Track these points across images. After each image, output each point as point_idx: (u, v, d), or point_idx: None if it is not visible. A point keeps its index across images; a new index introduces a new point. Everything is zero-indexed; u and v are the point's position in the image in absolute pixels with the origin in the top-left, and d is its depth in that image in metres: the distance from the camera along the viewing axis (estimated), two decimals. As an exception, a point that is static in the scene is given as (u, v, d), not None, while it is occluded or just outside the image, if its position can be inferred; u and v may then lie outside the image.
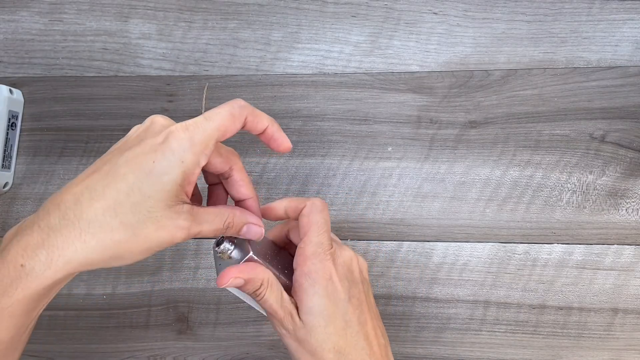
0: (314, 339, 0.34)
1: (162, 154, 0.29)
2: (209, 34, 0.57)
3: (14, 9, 0.59)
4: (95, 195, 0.28)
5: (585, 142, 0.52)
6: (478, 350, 0.51)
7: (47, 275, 0.28)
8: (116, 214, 0.28)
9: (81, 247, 0.28)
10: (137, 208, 0.28)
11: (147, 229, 0.29)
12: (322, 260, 0.35)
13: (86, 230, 0.28)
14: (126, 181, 0.28)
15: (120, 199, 0.28)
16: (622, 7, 0.53)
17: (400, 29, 0.55)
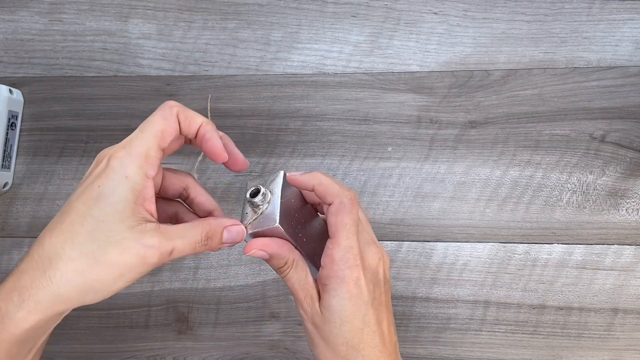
0: (329, 331, 0.34)
1: (105, 177, 0.29)
2: (209, 34, 0.57)
3: (14, 9, 0.59)
4: (55, 234, 0.29)
5: (585, 142, 0.52)
6: (478, 350, 0.51)
7: (19, 316, 0.28)
8: (74, 244, 0.28)
9: (47, 283, 0.28)
10: (93, 235, 0.28)
11: (110, 254, 0.28)
12: (350, 267, 0.34)
13: (48, 266, 0.28)
14: (77, 212, 0.29)
15: (76, 229, 0.28)
16: (622, 7, 0.53)
17: (400, 29, 0.55)
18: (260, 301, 0.53)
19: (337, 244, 0.34)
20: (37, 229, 0.56)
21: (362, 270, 0.34)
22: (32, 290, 0.28)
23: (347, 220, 0.34)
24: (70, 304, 0.29)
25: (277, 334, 0.53)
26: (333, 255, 0.34)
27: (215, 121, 0.55)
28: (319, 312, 0.34)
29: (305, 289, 0.35)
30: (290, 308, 0.53)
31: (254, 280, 0.53)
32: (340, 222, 0.34)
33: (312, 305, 0.35)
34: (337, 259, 0.34)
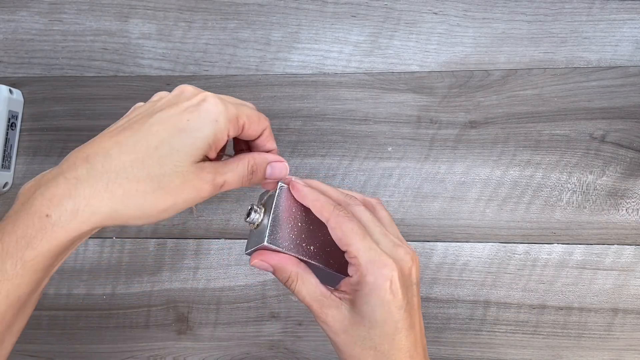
0: (357, 336, 0.33)
1: (197, 114, 0.30)
2: (209, 34, 0.57)
3: (14, 9, 0.59)
4: (125, 150, 0.29)
5: (585, 142, 0.52)
6: (478, 350, 0.51)
7: (73, 225, 0.28)
8: (144, 165, 0.29)
9: (108, 197, 0.28)
10: (164, 161, 0.29)
11: (173, 182, 0.29)
12: (380, 269, 0.32)
13: (113, 180, 0.28)
14: (157, 136, 0.29)
15: (150, 152, 0.29)
16: (622, 7, 0.53)
17: (400, 29, 0.55)
18: (260, 301, 0.53)
19: (355, 252, 0.33)
20: (37, 229, 0.56)
21: (393, 273, 0.32)
22: (90, 201, 0.28)
23: (351, 226, 0.33)
24: (120, 221, 0.29)
25: (277, 334, 0.53)
26: (358, 263, 0.32)
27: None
28: (344, 318, 0.33)
29: (319, 301, 0.34)
30: (290, 308, 0.53)
31: (254, 280, 0.53)
32: (345, 232, 0.33)
33: (333, 315, 0.34)
34: (362, 264, 0.32)
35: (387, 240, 0.34)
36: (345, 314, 0.34)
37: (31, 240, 0.27)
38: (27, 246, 0.27)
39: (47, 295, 0.55)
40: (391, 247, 0.34)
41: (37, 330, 0.54)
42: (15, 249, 0.27)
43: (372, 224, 0.35)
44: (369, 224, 0.34)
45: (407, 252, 0.34)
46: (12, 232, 0.27)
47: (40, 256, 0.28)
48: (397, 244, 0.34)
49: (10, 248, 0.27)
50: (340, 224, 0.33)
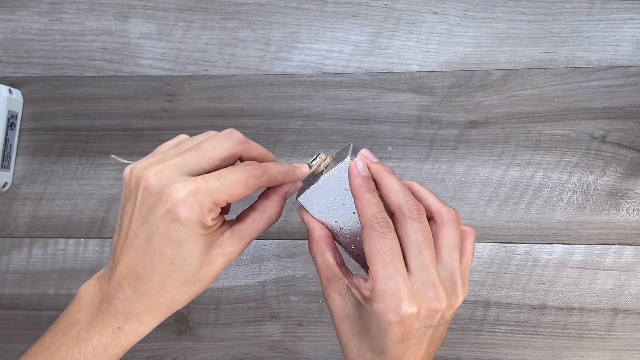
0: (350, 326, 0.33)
1: (179, 223, 0.30)
2: (209, 34, 0.57)
3: (14, 9, 0.59)
4: (150, 271, 0.31)
5: (585, 142, 0.52)
6: (478, 350, 0.51)
7: (141, 331, 0.33)
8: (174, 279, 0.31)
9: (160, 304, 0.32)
10: (187, 269, 0.31)
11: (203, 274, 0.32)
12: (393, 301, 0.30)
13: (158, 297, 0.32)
14: (165, 255, 0.31)
15: (170, 268, 0.31)
16: (623, 7, 0.53)
17: (401, 28, 0.55)
18: (260, 301, 0.53)
19: (374, 274, 0.30)
20: (36, 229, 0.56)
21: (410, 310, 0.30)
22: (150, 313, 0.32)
23: (378, 246, 0.31)
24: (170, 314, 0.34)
25: (277, 334, 0.52)
26: (372, 287, 0.31)
27: (215, 121, 0.55)
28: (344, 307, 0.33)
29: (327, 278, 0.34)
30: (290, 308, 0.53)
31: (254, 281, 0.53)
32: (371, 249, 0.31)
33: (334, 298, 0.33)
34: (376, 290, 0.30)
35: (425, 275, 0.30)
36: (347, 304, 0.33)
37: (107, 346, 0.32)
38: (103, 351, 0.32)
39: (47, 296, 0.55)
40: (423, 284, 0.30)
41: (37, 330, 0.54)
42: (92, 354, 0.32)
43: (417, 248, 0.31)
44: (413, 248, 0.31)
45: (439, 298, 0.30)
46: (87, 339, 0.32)
47: (114, 357, 0.33)
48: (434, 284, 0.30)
49: (87, 352, 0.32)
50: (370, 239, 0.31)
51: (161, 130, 0.56)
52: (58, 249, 0.55)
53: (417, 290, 0.30)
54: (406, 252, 0.31)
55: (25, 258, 0.56)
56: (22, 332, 0.55)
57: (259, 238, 0.53)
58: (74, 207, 0.56)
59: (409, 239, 0.31)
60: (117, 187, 0.56)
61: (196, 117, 0.56)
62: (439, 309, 0.30)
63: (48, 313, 0.55)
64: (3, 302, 0.55)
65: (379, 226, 0.31)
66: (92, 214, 0.55)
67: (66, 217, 0.56)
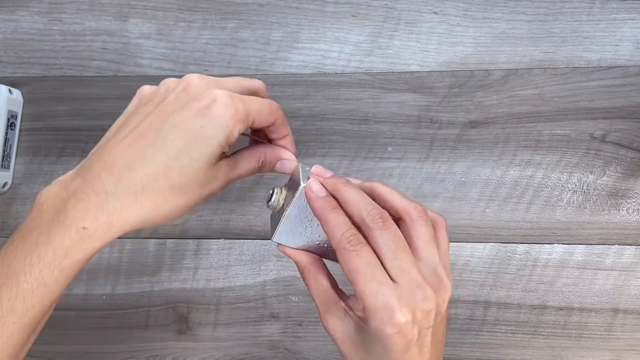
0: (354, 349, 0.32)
1: (209, 119, 0.30)
2: (209, 34, 0.57)
3: (14, 9, 0.59)
4: (146, 162, 0.30)
5: (585, 142, 0.52)
6: (478, 350, 0.51)
7: (108, 235, 0.30)
8: (166, 177, 0.30)
9: (137, 209, 0.30)
10: (185, 170, 0.31)
11: (193, 188, 0.32)
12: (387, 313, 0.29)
13: (141, 194, 0.30)
14: (175, 146, 0.30)
15: (170, 164, 0.30)
16: (623, 7, 0.53)
17: (401, 28, 0.55)
18: (260, 301, 0.53)
19: (360, 293, 0.30)
20: (36, 229, 0.56)
21: (404, 318, 0.29)
22: (122, 214, 0.30)
23: (355, 265, 0.30)
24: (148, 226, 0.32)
25: (277, 334, 0.52)
26: (363, 307, 0.30)
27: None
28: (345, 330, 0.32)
29: (325, 305, 0.33)
30: (290, 308, 0.53)
31: (253, 281, 0.53)
32: (350, 271, 0.30)
33: (334, 323, 0.33)
34: (367, 308, 0.30)
35: (408, 279, 0.30)
36: (348, 328, 0.32)
37: (68, 250, 0.29)
38: (64, 256, 0.29)
39: (47, 296, 0.55)
40: (409, 288, 0.30)
41: (37, 330, 0.54)
42: (52, 259, 0.29)
43: (392, 256, 0.30)
44: (388, 256, 0.30)
45: (428, 297, 0.30)
46: (47, 242, 0.29)
47: (76, 264, 0.30)
48: (420, 284, 0.30)
49: (47, 258, 0.29)
50: (346, 260, 0.30)
51: (161, 130, 0.56)
52: (58, 249, 0.55)
53: (406, 296, 0.30)
54: (383, 261, 0.30)
55: (25, 258, 0.56)
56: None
57: (259, 238, 0.53)
58: (74, 207, 0.56)
59: (382, 249, 0.31)
60: (117, 187, 0.56)
61: (196, 117, 0.55)
62: (431, 307, 0.30)
63: (48, 313, 0.55)
64: (3, 302, 0.55)
65: (350, 245, 0.30)
66: (92, 214, 0.55)
67: (66, 217, 0.56)
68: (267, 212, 0.53)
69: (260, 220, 0.54)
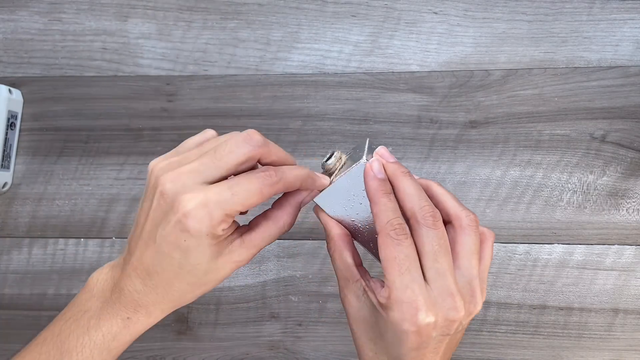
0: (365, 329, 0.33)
1: (188, 234, 0.30)
2: (209, 34, 0.57)
3: (13, 9, 0.59)
4: (159, 270, 0.32)
5: (585, 142, 0.52)
6: (478, 350, 0.51)
7: (149, 321, 0.34)
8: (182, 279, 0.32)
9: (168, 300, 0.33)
10: (194, 273, 0.32)
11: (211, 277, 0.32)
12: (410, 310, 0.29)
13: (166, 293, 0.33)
14: (174, 259, 0.31)
15: (180, 272, 0.32)
16: (623, 7, 0.53)
17: (401, 28, 0.55)
18: (260, 301, 0.53)
19: (391, 283, 0.30)
20: (36, 229, 0.56)
21: (427, 320, 0.29)
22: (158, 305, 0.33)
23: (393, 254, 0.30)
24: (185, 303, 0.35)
25: (277, 334, 0.52)
26: (389, 295, 0.30)
27: (215, 121, 0.55)
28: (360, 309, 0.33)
29: (345, 279, 0.33)
30: (290, 308, 0.53)
31: (254, 281, 0.53)
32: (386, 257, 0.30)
33: (350, 300, 0.33)
34: (392, 298, 0.30)
35: (442, 284, 0.30)
36: (363, 307, 0.33)
37: (116, 335, 0.33)
38: (112, 340, 0.33)
39: (47, 296, 0.55)
40: (440, 293, 0.30)
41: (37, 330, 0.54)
42: (102, 342, 0.33)
43: (433, 257, 0.30)
44: (429, 256, 0.30)
45: (456, 308, 0.30)
46: (97, 327, 0.33)
47: (121, 345, 0.34)
48: (452, 293, 0.30)
49: (97, 340, 0.33)
50: (386, 246, 0.30)
51: (161, 130, 0.56)
52: (58, 249, 0.55)
53: (435, 300, 0.29)
54: (422, 260, 0.30)
55: (25, 258, 0.56)
56: (22, 332, 0.55)
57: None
58: (73, 207, 0.56)
59: (424, 247, 0.30)
60: (117, 187, 0.56)
61: (196, 117, 0.56)
62: (457, 318, 0.30)
63: (48, 313, 0.54)
64: (3, 302, 0.55)
65: (394, 233, 0.30)
66: (92, 214, 0.55)
67: (66, 217, 0.56)
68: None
69: (260, 220, 0.54)
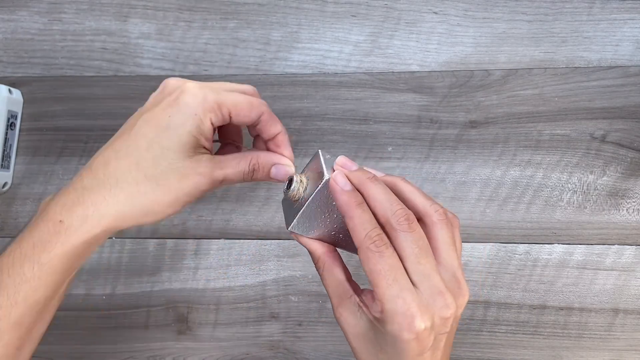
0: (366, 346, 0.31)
1: (177, 108, 0.31)
2: (209, 34, 0.57)
3: (14, 9, 0.59)
4: (120, 155, 0.31)
5: (586, 142, 0.52)
6: (478, 350, 0.51)
7: (84, 229, 0.30)
8: (139, 168, 0.31)
9: (112, 201, 0.30)
10: (157, 161, 0.31)
11: (170, 179, 0.31)
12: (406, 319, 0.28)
13: (115, 185, 0.31)
14: (146, 137, 0.31)
15: (142, 154, 0.31)
16: (623, 7, 0.53)
17: (401, 28, 0.55)
18: (260, 301, 0.53)
19: (381, 296, 0.29)
20: (36, 229, 0.56)
21: (424, 324, 0.28)
22: (97, 206, 0.30)
23: (378, 267, 0.29)
24: (129, 222, 0.31)
25: (277, 334, 0.52)
26: (382, 309, 0.29)
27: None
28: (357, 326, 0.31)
29: (339, 297, 0.32)
30: (290, 308, 0.53)
31: (253, 281, 0.53)
32: (371, 272, 0.29)
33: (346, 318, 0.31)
34: (386, 311, 0.29)
35: (430, 284, 0.29)
36: (360, 323, 0.31)
37: (46, 244, 0.30)
38: (43, 250, 0.29)
39: (47, 296, 0.55)
40: (430, 294, 0.29)
41: (37, 330, 0.54)
42: (32, 253, 0.29)
43: (415, 260, 0.29)
44: (411, 260, 0.29)
45: (448, 305, 0.29)
46: (29, 238, 0.30)
47: (55, 259, 0.30)
48: (441, 291, 0.29)
49: (27, 252, 0.29)
50: (368, 260, 0.29)
51: (161, 130, 0.56)
52: (58, 249, 0.55)
53: (427, 303, 0.29)
54: (405, 264, 0.30)
55: (25, 258, 0.56)
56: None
57: (259, 238, 0.53)
58: (73, 207, 0.56)
59: (405, 251, 0.30)
60: (117, 187, 0.56)
61: (196, 117, 0.55)
62: (450, 314, 0.29)
63: (48, 313, 0.55)
64: (3, 302, 0.55)
65: (374, 246, 0.29)
66: (92, 214, 0.55)
67: (66, 217, 0.56)
68: (266, 213, 0.53)
69: (260, 220, 0.54)
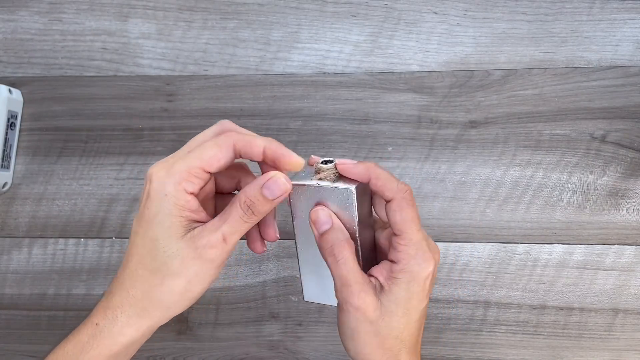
0: (385, 322, 0.33)
1: (149, 199, 0.31)
2: (209, 34, 0.57)
3: (13, 9, 0.59)
4: (128, 257, 0.32)
5: (585, 142, 0.52)
6: (478, 350, 0.51)
7: (115, 330, 0.32)
8: (144, 265, 0.32)
9: (132, 301, 0.32)
10: (154, 253, 0.31)
11: (172, 266, 0.31)
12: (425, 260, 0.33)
13: (130, 285, 0.32)
14: (139, 235, 0.32)
15: (142, 252, 0.32)
16: (623, 7, 0.53)
17: (401, 28, 0.55)
18: (260, 301, 0.53)
19: (408, 240, 0.33)
20: (36, 229, 0.56)
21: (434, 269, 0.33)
22: (123, 308, 0.32)
23: (413, 215, 0.33)
24: (156, 317, 0.33)
25: (277, 334, 0.52)
26: (408, 251, 0.33)
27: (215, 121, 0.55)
28: (375, 305, 0.33)
29: (359, 283, 0.33)
30: (290, 308, 0.53)
31: (254, 280, 0.53)
32: (406, 218, 0.33)
33: (367, 300, 0.33)
34: (412, 254, 0.33)
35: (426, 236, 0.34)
36: (378, 302, 0.33)
37: (84, 346, 0.32)
38: (81, 350, 0.32)
39: (47, 296, 0.55)
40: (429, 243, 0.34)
41: (37, 330, 0.54)
42: (72, 353, 0.32)
43: (419, 222, 0.34)
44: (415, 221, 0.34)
45: (438, 250, 0.35)
46: (72, 338, 0.33)
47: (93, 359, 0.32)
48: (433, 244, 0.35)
49: (69, 351, 0.32)
50: (403, 208, 0.33)
51: (161, 130, 0.56)
52: (58, 249, 0.55)
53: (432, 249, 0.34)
54: None
55: (25, 258, 0.56)
56: (22, 332, 0.55)
57: (259, 238, 0.53)
58: (73, 207, 0.56)
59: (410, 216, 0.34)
60: (117, 187, 0.56)
61: (196, 117, 0.56)
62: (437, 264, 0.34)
63: (48, 313, 0.54)
64: (3, 302, 0.55)
65: (408, 195, 0.33)
66: (92, 214, 0.55)
67: (66, 217, 0.56)
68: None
69: (260, 220, 0.54)
